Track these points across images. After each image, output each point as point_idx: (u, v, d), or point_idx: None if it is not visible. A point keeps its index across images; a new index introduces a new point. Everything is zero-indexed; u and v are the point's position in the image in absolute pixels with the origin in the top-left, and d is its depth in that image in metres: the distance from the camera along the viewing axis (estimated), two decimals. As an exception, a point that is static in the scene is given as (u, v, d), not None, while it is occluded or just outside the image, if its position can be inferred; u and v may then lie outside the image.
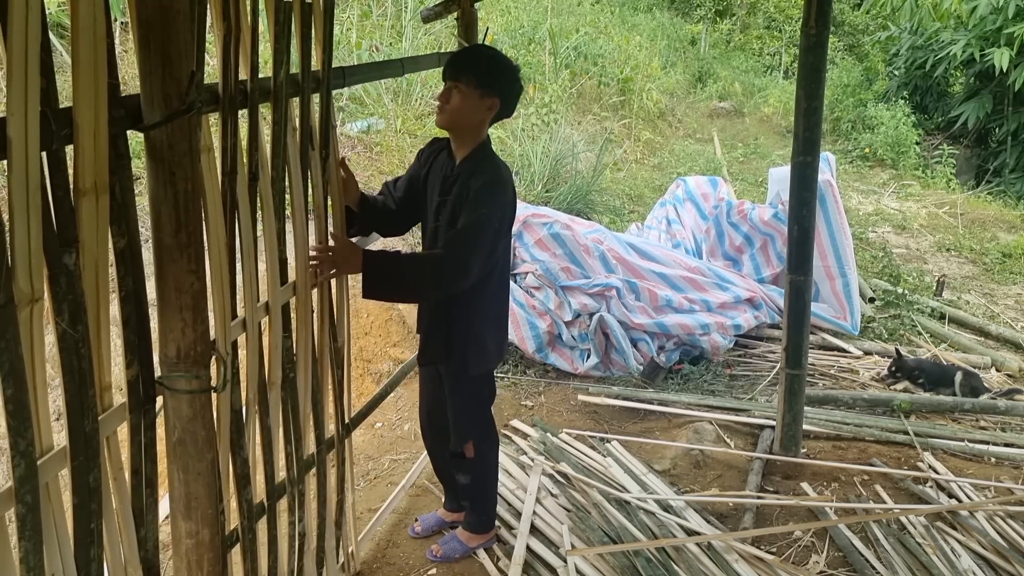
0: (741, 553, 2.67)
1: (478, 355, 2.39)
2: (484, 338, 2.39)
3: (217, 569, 1.57)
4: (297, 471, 2.05)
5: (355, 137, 5.49)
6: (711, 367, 4.30)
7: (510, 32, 8.69)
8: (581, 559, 2.63)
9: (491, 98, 2.20)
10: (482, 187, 2.19)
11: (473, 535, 2.70)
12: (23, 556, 1.22)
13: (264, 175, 1.77)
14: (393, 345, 4.25)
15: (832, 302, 4.82)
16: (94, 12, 1.19)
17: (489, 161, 2.27)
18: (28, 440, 1.19)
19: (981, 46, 9.38)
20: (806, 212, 3.06)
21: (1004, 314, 5.44)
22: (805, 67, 2.93)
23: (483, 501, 2.69)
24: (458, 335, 2.36)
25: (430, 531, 2.82)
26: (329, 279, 2.12)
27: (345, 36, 6.50)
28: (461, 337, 2.36)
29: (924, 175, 9.62)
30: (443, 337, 2.38)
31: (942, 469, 3.24)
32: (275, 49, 1.73)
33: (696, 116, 11.65)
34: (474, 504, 2.69)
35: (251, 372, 1.82)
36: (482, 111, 2.21)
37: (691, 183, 5.88)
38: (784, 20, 15.97)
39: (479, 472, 2.61)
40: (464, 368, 2.39)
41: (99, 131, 1.24)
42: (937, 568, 2.65)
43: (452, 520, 2.84)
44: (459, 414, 2.51)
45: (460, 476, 2.64)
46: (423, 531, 2.81)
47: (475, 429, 2.55)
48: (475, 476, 2.61)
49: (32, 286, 1.16)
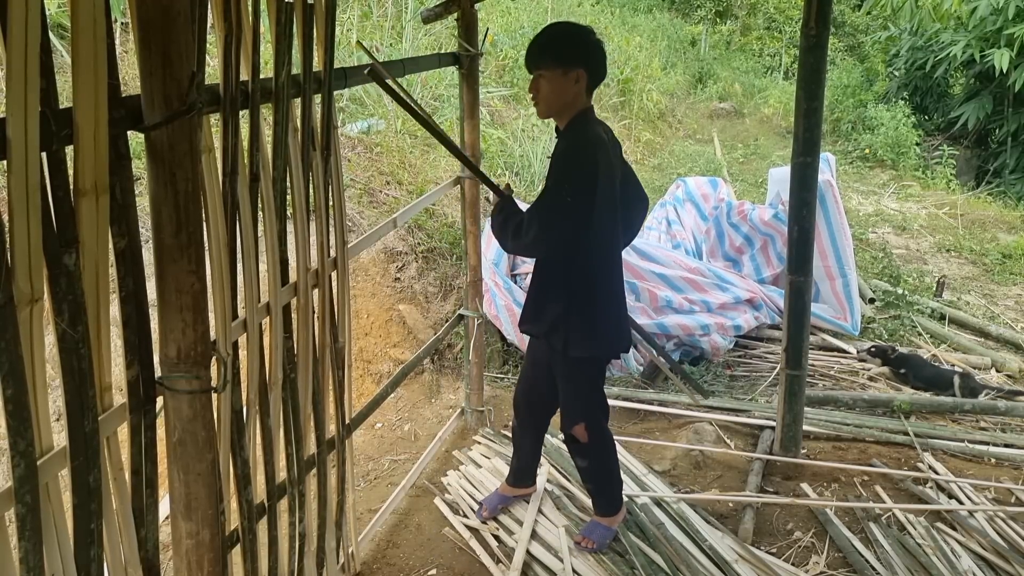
0: (741, 554, 2.67)
1: (581, 338, 2.37)
2: (586, 321, 2.36)
3: (217, 570, 1.57)
4: (298, 471, 2.05)
5: (355, 138, 5.48)
6: (711, 368, 4.30)
7: (510, 33, 8.68)
8: (581, 560, 2.63)
9: (576, 70, 2.21)
10: (556, 157, 2.24)
11: (611, 517, 2.72)
12: (23, 556, 1.22)
13: (265, 175, 1.77)
14: (393, 346, 4.25)
15: (832, 303, 4.82)
16: (94, 12, 1.19)
17: (575, 132, 2.27)
18: (28, 440, 1.19)
19: (981, 47, 9.38)
20: (806, 212, 3.06)
21: (1004, 315, 5.44)
22: (805, 68, 2.93)
23: (607, 482, 2.69)
24: (558, 313, 2.37)
25: (495, 511, 2.86)
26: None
27: (346, 37, 6.50)
28: (561, 316, 2.36)
29: (924, 176, 9.62)
30: (544, 312, 2.41)
31: (942, 469, 3.24)
32: (276, 50, 1.73)
33: (696, 117, 11.65)
34: (598, 487, 2.70)
35: (252, 372, 1.82)
36: (571, 87, 2.23)
37: (691, 184, 5.88)
38: (784, 21, 15.97)
39: (596, 454, 2.61)
40: (565, 348, 2.39)
41: (99, 131, 1.24)
42: (937, 569, 2.65)
43: (515, 495, 2.90)
44: (567, 396, 2.55)
45: (577, 459, 2.66)
46: (489, 512, 2.86)
47: (585, 412, 2.54)
48: (592, 459, 2.62)
49: (32, 286, 1.16)
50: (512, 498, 2.91)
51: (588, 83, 2.25)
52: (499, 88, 7.69)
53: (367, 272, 4.39)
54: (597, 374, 2.55)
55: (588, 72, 2.23)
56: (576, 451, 2.63)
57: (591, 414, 2.54)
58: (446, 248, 4.69)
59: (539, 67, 2.23)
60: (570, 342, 2.37)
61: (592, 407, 2.55)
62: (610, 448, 2.64)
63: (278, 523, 2.03)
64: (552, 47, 2.23)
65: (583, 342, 2.38)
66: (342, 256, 2.19)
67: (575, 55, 2.22)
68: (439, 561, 2.70)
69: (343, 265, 2.21)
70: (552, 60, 2.21)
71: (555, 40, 2.25)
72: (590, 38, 2.25)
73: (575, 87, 2.23)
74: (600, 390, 2.57)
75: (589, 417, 2.54)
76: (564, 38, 2.25)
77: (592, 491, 2.74)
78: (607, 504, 2.72)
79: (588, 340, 2.39)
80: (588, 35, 2.25)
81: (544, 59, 2.22)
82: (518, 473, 2.89)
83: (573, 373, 2.49)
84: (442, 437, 3.42)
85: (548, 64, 2.21)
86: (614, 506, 2.72)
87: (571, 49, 2.22)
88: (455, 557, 2.72)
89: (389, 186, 5.05)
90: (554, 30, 2.30)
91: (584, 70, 2.22)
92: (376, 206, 4.78)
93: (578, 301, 2.35)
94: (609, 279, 2.40)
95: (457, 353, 4.24)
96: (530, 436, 2.81)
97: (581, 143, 2.23)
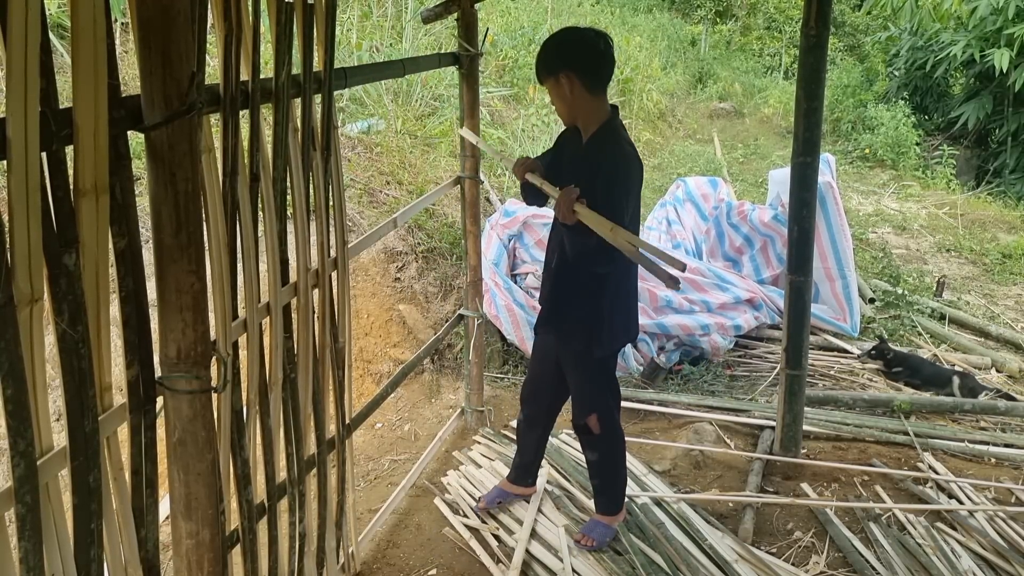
0: (741, 554, 2.67)
1: (607, 334, 2.42)
2: (610, 320, 2.41)
3: (217, 569, 1.57)
4: (298, 471, 2.05)
5: (355, 138, 5.48)
6: (711, 368, 4.30)
7: (510, 33, 8.68)
8: (581, 560, 2.63)
9: (566, 77, 2.24)
10: (611, 165, 2.24)
11: (612, 516, 2.73)
12: (23, 556, 1.22)
13: (265, 175, 1.77)
14: (393, 346, 4.25)
15: (832, 303, 4.82)
16: (94, 13, 1.19)
17: (613, 138, 2.30)
18: (28, 440, 1.19)
19: (981, 47, 9.37)
20: (806, 213, 3.06)
21: (1004, 315, 5.44)
22: (805, 68, 2.93)
23: (613, 478, 2.70)
24: (584, 314, 2.39)
25: (492, 503, 2.89)
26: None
27: (346, 37, 6.50)
28: (588, 317, 2.39)
29: (924, 176, 9.62)
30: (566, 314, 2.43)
31: (942, 469, 3.24)
32: (276, 50, 1.73)
33: (696, 117, 11.64)
34: (604, 483, 2.71)
35: (252, 373, 1.82)
36: (574, 93, 2.25)
37: (691, 184, 5.88)
38: (784, 21, 15.95)
39: (607, 447, 2.62)
40: (589, 348, 2.42)
41: (99, 132, 1.24)
42: (937, 569, 2.65)
43: (516, 493, 2.91)
44: (582, 387, 2.56)
45: (588, 453, 2.67)
46: (486, 504, 2.88)
47: (598, 402, 2.55)
48: (602, 452, 2.63)
49: (32, 286, 1.16)
50: (511, 495, 2.92)
51: (584, 83, 2.25)
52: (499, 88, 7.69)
53: (367, 272, 4.39)
54: (614, 365, 2.61)
55: (576, 72, 2.24)
56: (587, 443, 2.65)
57: (604, 404, 2.56)
58: (446, 248, 4.69)
59: (542, 83, 2.32)
60: (595, 342, 2.42)
61: (606, 397, 2.57)
62: (620, 442, 2.65)
63: (278, 523, 2.03)
64: (541, 62, 2.30)
65: (608, 341, 2.44)
66: (342, 256, 2.19)
67: (555, 61, 2.26)
68: (439, 561, 2.70)
69: (343, 265, 2.21)
70: (545, 74, 2.29)
71: (542, 55, 2.31)
72: (568, 38, 2.28)
73: (577, 92, 2.25)
74: (615, 379, 2.62)
75: (602, 407, 2.55)
76: (550, 50, 2.29)
77: (597, 487, 2.74)
78: (609, 502, 2.72)
79: (611, 338, 2.45)
80: (565, 37, 2.28)
81: (540, 74, 2.31)
82: (520, 470, 2.90)
83: (592, 368, 2.52)
84: (442, 437, 3.42)
85: (544, 77, 2.29)
86: (616, 505, 2.72)
87: (556, 58, 2.27)
88: (455, 557, 2.72)
89: (389, 186, 5.05)
90: (545, 44, 2.34)
91: (571, 72, 2.23)
92: (376, 206, 4.78)
93: (604, 301, 2.38)
94: (628, 277, 2.45)
95: (457, 353, 4.24)
96: (536, 432, 2.82)
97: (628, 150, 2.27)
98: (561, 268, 2.42)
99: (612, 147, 2.27)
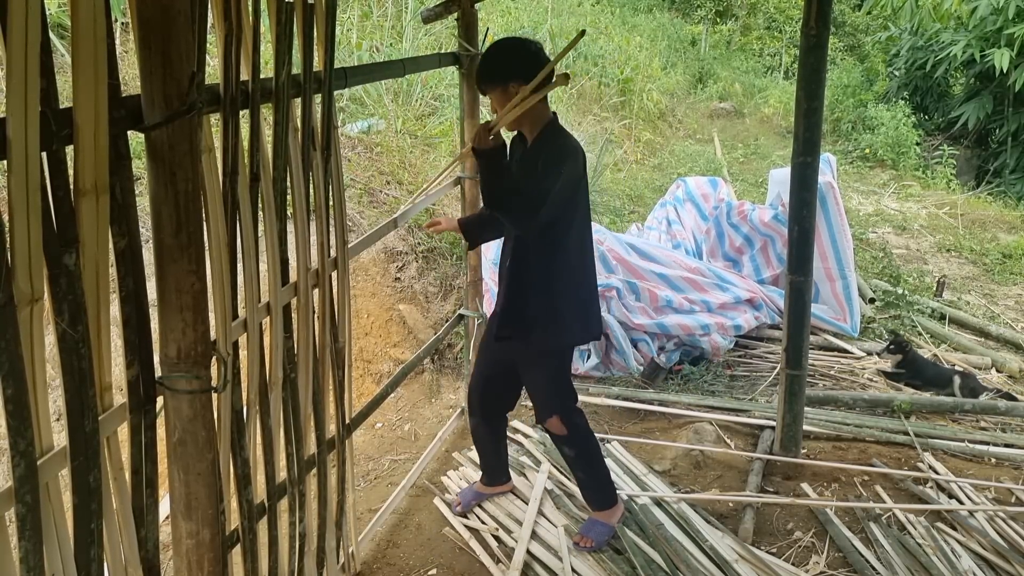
0: (741, 554, 2.67)
1: (559, 330, 2.46)
2: (564, 313, 2.45)
3: (217, 569, 1.57)
4: (298, 471, 2.05)
5: (355, 138, 5.49)
6: (711, 368, 4.30)
7: (510, 33, 8.68)
8: (581, 560, 2.63)
9: (511, 84, 2.28)
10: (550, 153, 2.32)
11: (608, 512, 2.74)
12: (23, 556, 1.22)
13: (265, 175, 1.77)
14: (393, 346, 4.25)
15: (832, 304, 4.82)
16: (94, 12, 1.19)
17: (557, 133, 2.38)
18: (28, 440, 1.19)
19: (981, 47, 9.38)
20: (806, 213, 3.05)
21: (1004, 315, 5.44)
22: (805, 68, 2.93)
23: (595, 472, 2.72)
24: (537, 310, 2.43)
25: (469, 506, 2.90)
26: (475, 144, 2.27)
27: (346, 37, 6.50)
28: (543, 311, 2.43)
29: (924, 176, 9.62)
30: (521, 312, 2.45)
31: (942, 469, 3.24)
32: (276, 50, 1.73)
33: (696, 117, 11.64)
34: (588, 477, 2.72)
35: (252, 372, 1.82)
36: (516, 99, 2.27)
37: (691, 184, 5.87)
38: (784, 21, 15.95)
39: (578, 440, 2.64)
40: (544, 343, 2.47)
41: (99, 131, 1.24)
42: (937, 569, 2.65)
43: (490, 493, 2.92)
44: (541, 388, 2.59)
45: (563, 449, 2.70)
46: (463, 507, 2.89)
47: (558, 401, 2.59)
48: (576, 448, 2.65)
49: (32, 286, 1.16)
50: (487, 496, 2.94)
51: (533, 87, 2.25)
52: (499, 88, 7.67)
53: (367, 272, 4.39)
54: (568, 362, 2.65)
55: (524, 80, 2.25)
56: (558, 441, 2.68)
57: (563, 404, 2.60)
58: (446, 248, 4.69)
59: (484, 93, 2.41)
60: (550, 334, 2.46)
61: (563, 397, 2.61)
62: (590, 436, 2.68)
63: (278, 523, 2.03)
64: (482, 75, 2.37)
65: (561, 333, 2.48)
66: (342, 256, 2.19)
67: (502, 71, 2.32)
68: (439, 561, 2.70)
69: (343, 265, 2.21)
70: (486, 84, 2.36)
71: (482, 68, 2.39)
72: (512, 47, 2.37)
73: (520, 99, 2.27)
74: (568, 378, 2.65)
75: (562, 408, 2.59)
76: (488, 60, 2.37)
77: (583, 481, 2.75)
78: (599, 496, 2.73)
79: (565, 330, 2.49)
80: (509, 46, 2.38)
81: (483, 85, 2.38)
82: (488, 472, 2.93)
83: (545, 365, 2.55)
84: (442, 437, 3.42)
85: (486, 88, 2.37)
86: (607, 498, 2.73)
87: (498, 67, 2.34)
88: (455, 557, 2.72)
89: (389, 186, 5.05)
90: (483, 57, 2.40)
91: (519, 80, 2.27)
92: (376, 206, 4.79)
93: (557, 299, 2.43)
94: (583, 269, 2.49)
95: (457, 353, 4.24)
96: (490, 435, 2.85)
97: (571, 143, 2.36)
98: (514, 268, 2.47)
99: (555, 139, 2.36)
